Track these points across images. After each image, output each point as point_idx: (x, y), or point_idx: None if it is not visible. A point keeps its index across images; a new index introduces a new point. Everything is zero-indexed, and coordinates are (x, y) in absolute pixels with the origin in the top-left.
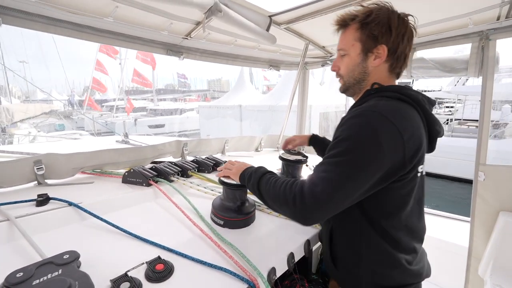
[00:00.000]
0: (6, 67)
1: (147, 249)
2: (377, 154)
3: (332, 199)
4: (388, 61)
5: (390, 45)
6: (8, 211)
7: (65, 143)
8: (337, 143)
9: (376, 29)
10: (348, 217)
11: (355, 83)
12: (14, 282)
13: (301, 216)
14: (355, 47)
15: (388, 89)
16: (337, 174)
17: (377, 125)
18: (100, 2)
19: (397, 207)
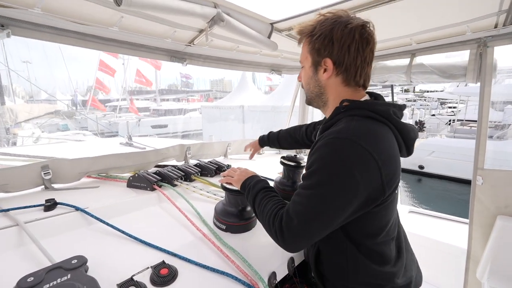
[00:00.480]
0: (9, 69)
1: (151, 253)
2: (351, 185)
3: (308, 232)
4: (338, 74)
5: (335, 58)
6: (17, 216)
7: (70, 145)
8: (309, 175)
9: (317, 42)
10: (333, 240)
11: (314, 96)
12: (25, 287)
13: (285, 249)
14: (307, 60)
15: (358, 107)
16: (311, 208)
17: (348, 155)
18: (105, 13)
19: (380, 228)
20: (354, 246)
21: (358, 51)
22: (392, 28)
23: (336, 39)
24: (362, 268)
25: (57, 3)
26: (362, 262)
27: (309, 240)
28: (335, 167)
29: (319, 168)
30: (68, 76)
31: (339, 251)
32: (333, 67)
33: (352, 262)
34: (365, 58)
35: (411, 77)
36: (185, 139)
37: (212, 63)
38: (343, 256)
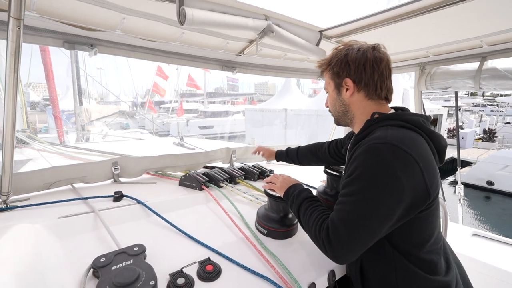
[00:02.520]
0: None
1: (198, 249)
2: (396, 188)
3: (357, 240)
4: (359, 90)
5: (353, 77)
6: (94, 204)
7: (132, 143)
8: (351, 181)
9: (336, 66)
10: (379, 253)
11: (341, 115)
12: (99, 266)
13: (334, 260)
14: (330, 85)
15: (390, 118)
16: (356, 214)
17: (390, 158)
18: (169, 30)
19: (428, 235)
20: (402, 256)
21: (373, 67)
22: (457, 30)
23: (351, 61)
24: (412, 279)
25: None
26: (412, 272)
27: (358, 248)
28: (379, 170)
29: (362, 174)
30: (131, 81)
31: (386, 262)
32: (353, 85)
33: (401, 273)
34: (381, 72)
35: (481, 83)
36: (226, 140)
37: (259, 71)
38: (390, 268)
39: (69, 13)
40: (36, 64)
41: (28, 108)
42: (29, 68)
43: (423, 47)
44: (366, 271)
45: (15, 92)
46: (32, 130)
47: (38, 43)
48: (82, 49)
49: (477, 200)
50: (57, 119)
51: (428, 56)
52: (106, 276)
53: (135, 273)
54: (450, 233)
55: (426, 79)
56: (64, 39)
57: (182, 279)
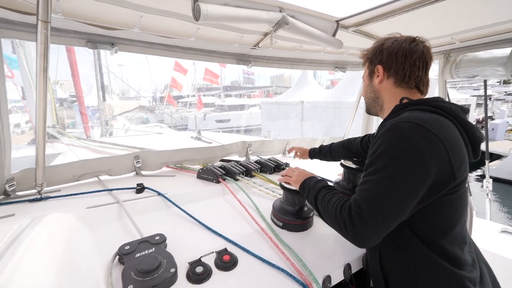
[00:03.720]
0: (110, 71)
1: (215, 239)
2: (420, 166)
3: (381, 220)
4: (389, 77)
5: (384, 64)
6: (118, 195)
7: (152, 137)
8: (374, 159)
9: (370, 54)
10: (397, 238)
11: (371, 102)
12: (124, 253)
13: (356, 241)
14: (366, 73)
15: (419, 103)
16: (380, 191)
17: (414, 135)
18: (185, 26)
19: (453, 223)
20: (423, 244)
21: (405, 56)
22: (486, 14)
23: (385, 48)
24: (433, 270)
25: (150, 22)
26: (433, 262)
27: (381, 229)
28: (402, 147)
29: (384, 151)
30: (150, 76)
31: (405, 250)
32: (383, 71)
33: (421, 263)
34: (413, 62)
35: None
36: (242, 133)
37: (274, 64)
38: (410, 256)
39: (91, 14)
40: (63, 62)
41: (56, 105)
42: (56, 67)
43: (448, 34)
44: (385, 260)
45: (45, 90)
46: (61, 126)
47: (63, 44)
48: (104, 48)
49: (508, 195)
50: (83, 115)
51: (454, 43)
52: (131, 263)
53: (157, 260)
54: (477, 229)
55: (451, 68)
56: (87, 39)
57: (200, 268)
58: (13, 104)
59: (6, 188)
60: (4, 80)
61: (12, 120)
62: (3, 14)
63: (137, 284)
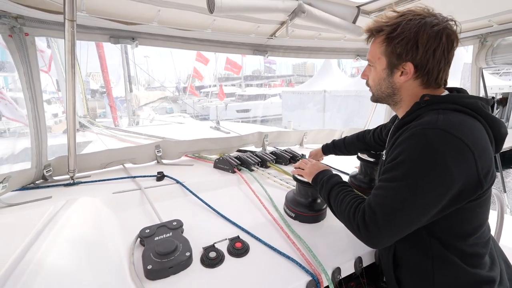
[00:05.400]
0: (136, 64)
1: (229, 227)
2: (444, 176)
3: (395, 227)
4: (417, 77)
5: (417, 62)
6: (140, 182)
7: (175, 126)
8: (394, 166)
9: (399, 46)
10: (414, 238)
11: (385, 97)
12: (144, 236)
13: (367, 243)
14: (380, 61)
15: (442, 101)
16: (397, 201)
17: (441, 145)
18: (201, 18)
19: (475, 227)
20: (443, 247)
21: (443, 54)
22: None
23: (422, 44)
24: (451, 270)
25: (167, 16)
26: (451, 262)
27: (395, 235)
28: (426, 157)
29: (406, 159)
30: (173, 67)
31: (421, 250)
32: (413, 71)
33: (439, 263)
34: (448, 60)
35: None
36: (262, 123)
37: (292, 53)
38: (426, 256)
39: (112, 10)
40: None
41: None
42: (87, 60)
43: (484, 16)
44: (399, 258)
45: (74, 85)
46: (91, 116)
47: (89, 40)
48: (125, 42)
49: None
50: (111, 107)
51: (491, 25)
52: (150, 245)
53: (173, 244)
54: (508, 227)
55: (487, 53)
56: (110, 34)
57: (213, 253)
58: (52, 95)
59: (44, 173)
60: (39, 75)
61: (51, 110)
62: (35, 14)
63: (155, 264)
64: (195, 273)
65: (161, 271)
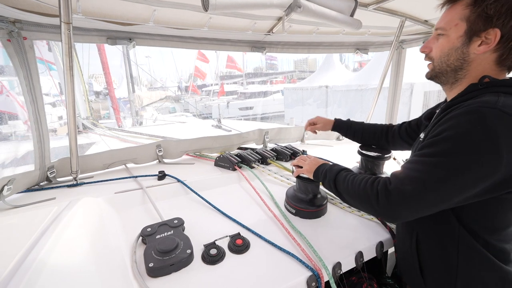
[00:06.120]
0: (137, 65)
1: (230, 224)
2: (491, 161)
3: (423, 201)
4: (497, 50)
5: (506, 30)
6: (142, 182)
7: (177, 126)
8: (437, 141)
9: (493, 7)
10: (441, 226)
11: (449, 71)
12: (146, 234)
13: (385, 213)
14: (458, 27)
15: (504, 84)
16: (433, 176)
17: (497, 124)
18: (197, 16)
19: (508, 222)
20: (471, 236)
21: None
22: None
23: None
24: (477, 261)
25: (163, 15)
26: (479, 253)
27: (418, 211)
28: (478, 135)
29: (453, 135)
30: (175, 66)
31: (448, 237)
32: (498, 40)
33: (465, 252)
34: None
35: None
36: (267, 121)
37: (290, 49)
38: (453, 245)
39: (108, 11)
40: (96, 57)
41: (93, 97)
42: (89, 62)
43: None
44: (423, 243)
45: (73, 88)
46: (95, 117)
47: (86, 42)
48: (122, 43)
49: None
50: (114, 109)
51: None
52: (152, 243)
53: (174, 242)
54: None
55: None
56: (107, 36)
57: (214, 250)
58: (57, 98)
59: (48, 175)
60: (39, 78)
61: (56, 112)
62: (32, 18)
63: (157, 262)
64: (196, 270)
65: (162, 268)
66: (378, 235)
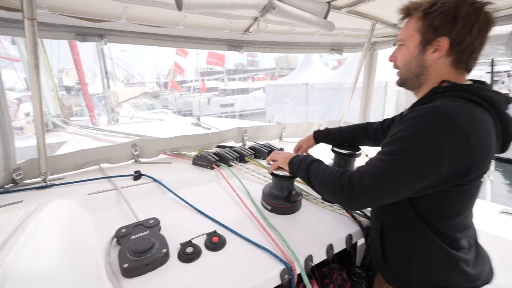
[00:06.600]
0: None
1: (207, 222)
2: (435, 160)
3: (377, 193)
4: (450, 54)
5: (454, 37)
6: (117, 182)
7: (155, 124)
8: (393, 141)
9: (438, 19)
10: (401, 215)
11: (412, 77)
12: (120, 235)
13: (347, 203)
14: (414, 38)
15: (459, 88)
16: (386, 171)
17: (439, 129)
18: (172, 14)
19: (456, 212)
20: (425, 224)
21: (479, 32)
22: None
23: (461, 18)
24: (430, 248)
25: (136, 12)
26: (431, 241)
27: (375, 202)
28: (423, 137)
29: (405, 136)
30: (153, 61)
31: (406, 226)
32: (448, 47)
33: (419, 240)
34: (482, 41)
35: None
36: (249, 118)
37: (267, 48)
38: (410, 232)
39: (77, 7)
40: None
41: (64, 93)
42: (58, 55)
43: None
44: (386, 232)
45: (39, 86)
46: (65, 115)
47: (53, 38)
48: (93, 40)
49: None
50: (88, 106)
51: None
52: (126, 244)
53: (150, 242)
54: (476, 210)
55: None
56: (76, 32)
57: (190, 248)
58: (23, 94)
59: (14, 176)
60: (0, 75)
61: (24, 109)
62: None
63: (131, 263)
64: (172, 268)
65: (137, 268)
66: (348, 228)
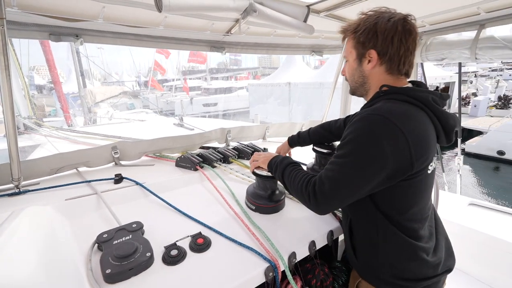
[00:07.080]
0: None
1: (191, 224)
2: (379, 156)
3: (338, 196)
4: (382, 63)
5: (379, 48)
6: (96, 187)
7: (135, 124)
8: (343, 145)
9: (362, 36)
10: (364, 212)
11: (358, 86)
12: (102, 240)
13: (314, 209)
14: (352, 53)
15: (396, 91)
16: (341, 174)
17: (378, 129)
18: (151, 15)
19: (410, 204)
20: (385, 218)
21: (401, 41)
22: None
23: (380, 32)
24: (393, 239)
25: (114, 12)
26: (393, 233)
27: (337, 203)
28: (366, 139)
29: (351, 140)
30: (132, 59)
31: (370, 222)
32: (377, 57)
33: (383, 233)
34: (408, 47)
35: (477, 53)
36: (232, 118)
37: (249, 49)
38: (373, 227)
39: (50, 6)
40: (37, 47)
41: (35, 92)
42: (28, 52)
43: (419, 17)
44: (354, 228)
45: (10, 88)
46: (38, 116)
47: (24, 38)
48: (68, 40)
49: (485, 170)
50: (62, 107)
51: (424, 25)
52: (109, 249)
53: (133, 246)
54: (446, 203)
55: (422, 50)
56: (49, 32)
57: (175, 251)
58: None
59: None
60: None
61: None
62: None
63: (114, 268)
64: (157, 272)
65: (120, 274)
66: (329, 225)
